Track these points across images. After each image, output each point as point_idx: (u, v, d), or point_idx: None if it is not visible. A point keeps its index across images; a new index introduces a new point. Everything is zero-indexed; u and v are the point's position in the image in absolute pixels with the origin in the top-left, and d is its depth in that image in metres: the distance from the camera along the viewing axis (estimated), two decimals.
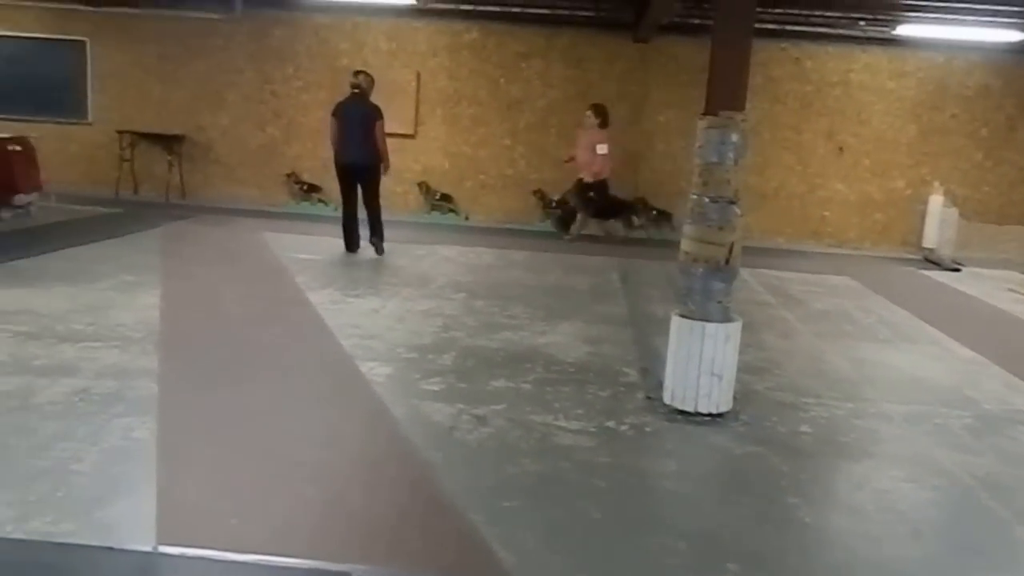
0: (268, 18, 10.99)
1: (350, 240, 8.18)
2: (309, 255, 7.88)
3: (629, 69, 10.93)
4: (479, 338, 5.26)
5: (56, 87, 11.30)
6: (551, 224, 10.60)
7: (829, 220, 11.12)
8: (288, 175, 11.18)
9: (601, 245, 9.86)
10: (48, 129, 10.44)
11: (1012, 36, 9.49)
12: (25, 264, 6.59)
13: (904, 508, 3.22)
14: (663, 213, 10.55)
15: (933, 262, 10.06)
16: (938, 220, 10.26)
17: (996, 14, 8.70)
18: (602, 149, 9.70)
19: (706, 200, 3.95)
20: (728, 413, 4.05)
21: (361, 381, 4.26)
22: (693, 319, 4.00)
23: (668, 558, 2.71)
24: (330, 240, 8.41)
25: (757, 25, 4.38)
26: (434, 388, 4.21)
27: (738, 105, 3.97)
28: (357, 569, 2.51)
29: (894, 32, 9.93)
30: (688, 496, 3.25)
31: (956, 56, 10.55)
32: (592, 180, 9.85)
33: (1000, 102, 10.68)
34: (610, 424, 3.87)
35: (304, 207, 11.06)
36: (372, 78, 8.21)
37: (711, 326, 3.97)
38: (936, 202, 10.34)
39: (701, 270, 3.98)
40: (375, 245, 8.11)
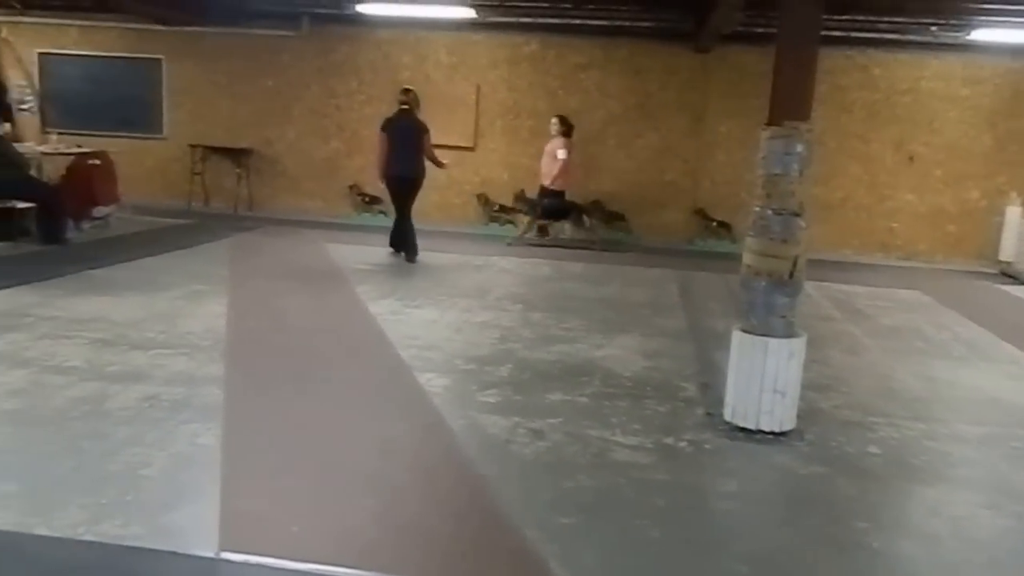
0: (334, 34, 11.25)
1: (397, 243, 8.56)
2: (369, 265, 8.02)
3: (689, 79, 10.82)
4: (536, 350, 5.25)
5: (134, 104, 11.78)
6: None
7: (898, 232, 10.78)
8: (350, 187, 11.41)
9: (659, 257, 9.75)
10: (126, 144, 10.88)
11: None
12: (102, 273, 6.86)
13: (982, 536, 3.08)
14: (616, 214, 10.70)
15: (1010, 276, 9.66)
16: (1016, 232, 9.87)
17: None
18: (561, 155, 9.90)
19: (769, 212, 3.86)
20: (792, 432, 3.94)
21: (419, 392, 4.29)
22: (755, 334, 3.91)
23: None
24: (390, 251, 8.59)
25: (823, 32, 4.28)
26: (491, 400, 4.22)
27: (803, 115, 3.87)
28: None
29: (968, 37, 9.58)
30: (750, 517, 3.17)
31: None
32: (550, 184, 10.03)
33: None
34: (668, 440, 3.81)
35: (365, 218, 11.24)
36: (417, 96, 8.53)
37: (774, 342, 3.88)
38: (1014, 213, 9.95)
39: (764, 284, 3.89)
40: (400, 248, 8.51)
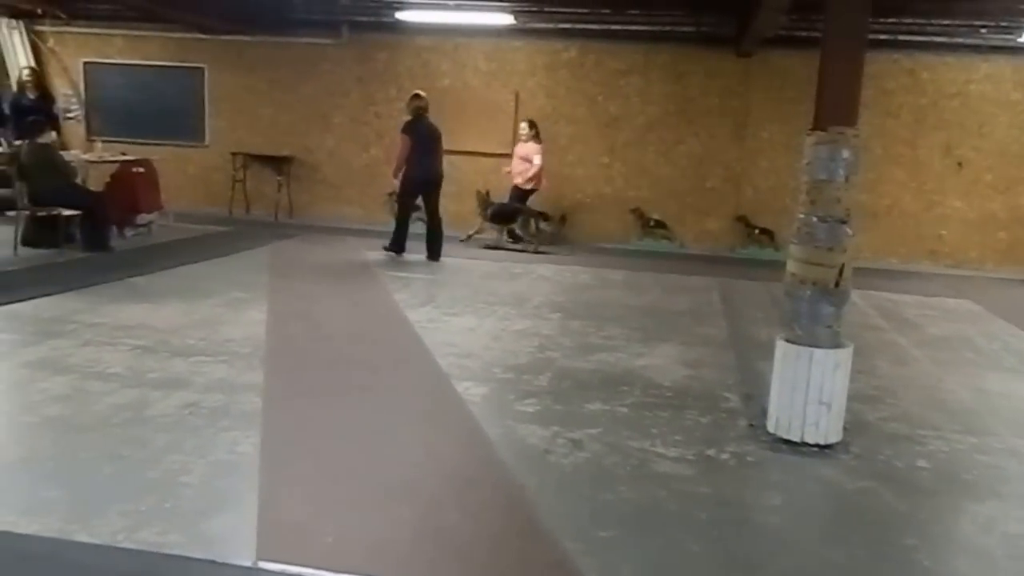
0: (373, 41, 11.33)
1: (404, 242, 8.80)
2: (407, 272, 8.04)
3: (731, 84, 10.68)
4: (575, 359, 5.20)
5: (177, 112, 11.98)
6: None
7: (946, 239, 10.49)
8: (389, 194, 11.42)
9: (701, 264, 9.63)
10: (169, 151, 11.11)
11: None
12: (144, 280, 6.97)
13: None
14: (563, 219, 10.77)
15: None
16: None
17: None
18: (537, 160, 10.09)
19: (814, 219, 3.77)
20: (837, 444, 3.83)
21: (457, 400, 4.27)
22: (800, 344, 3.82)
23: None
24: (427, 258, 8.66)
25: (869, 36, 4.17)
26: (529, 410, 4.17)
27: (849, 120, 3.78)
28: None
29: (1020, 40, 9.31)
30: (794, 532, 3.08)
31: None
32: (523, 184, 10.15)
33: None
34: (710, 452, 3.73)
35: None
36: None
37: (819, 352, 3.78)
38: None
39: (809, 293, 3.79)
40: (435, 252, 8.71)
